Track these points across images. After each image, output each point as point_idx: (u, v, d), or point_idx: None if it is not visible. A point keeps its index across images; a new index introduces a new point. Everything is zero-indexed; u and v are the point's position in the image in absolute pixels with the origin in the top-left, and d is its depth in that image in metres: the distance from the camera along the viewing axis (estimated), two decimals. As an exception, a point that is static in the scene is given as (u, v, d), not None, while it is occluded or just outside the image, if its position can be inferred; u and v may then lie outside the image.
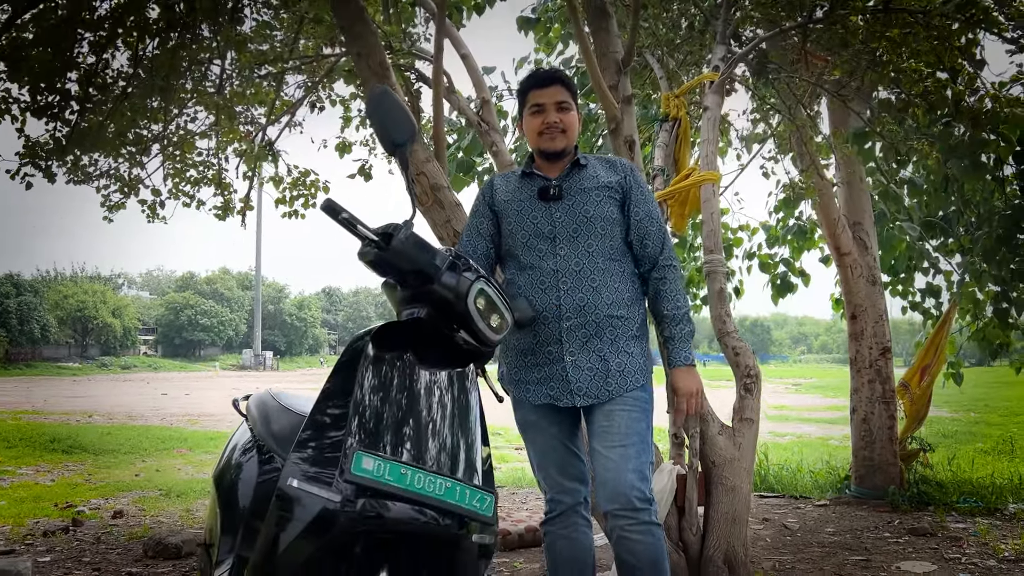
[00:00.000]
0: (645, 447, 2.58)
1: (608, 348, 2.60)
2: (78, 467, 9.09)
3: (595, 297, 2.61)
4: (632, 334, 2.65)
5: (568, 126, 2.70)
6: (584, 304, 2.60)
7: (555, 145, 2.70)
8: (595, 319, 2.59)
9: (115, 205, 6.06)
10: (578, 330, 2.60)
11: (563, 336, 2.60)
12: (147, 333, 60.71)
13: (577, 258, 2.63)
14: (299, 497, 1.75)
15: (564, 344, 2.60)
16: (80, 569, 4.42)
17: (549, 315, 2.62)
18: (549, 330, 2.62)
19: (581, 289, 2.61)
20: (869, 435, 6.51)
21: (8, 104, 4.67)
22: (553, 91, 2.71)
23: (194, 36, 4.93)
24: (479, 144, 6.59)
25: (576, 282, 2.61)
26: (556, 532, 2.70)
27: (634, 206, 2.71)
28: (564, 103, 2.70)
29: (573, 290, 2.61)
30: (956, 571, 4.28)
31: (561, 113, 2.69)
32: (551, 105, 2.70)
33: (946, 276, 7.31)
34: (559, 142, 2.70)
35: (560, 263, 2.63)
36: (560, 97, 2.70)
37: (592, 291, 2.61)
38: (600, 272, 2.63)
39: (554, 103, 2.70)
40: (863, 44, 4.63)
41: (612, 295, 2.62)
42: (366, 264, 2.16)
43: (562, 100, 2.70)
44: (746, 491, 3.57)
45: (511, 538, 4.89)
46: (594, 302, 2.60)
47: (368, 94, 2.21)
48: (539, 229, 2.67)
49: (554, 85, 2.71)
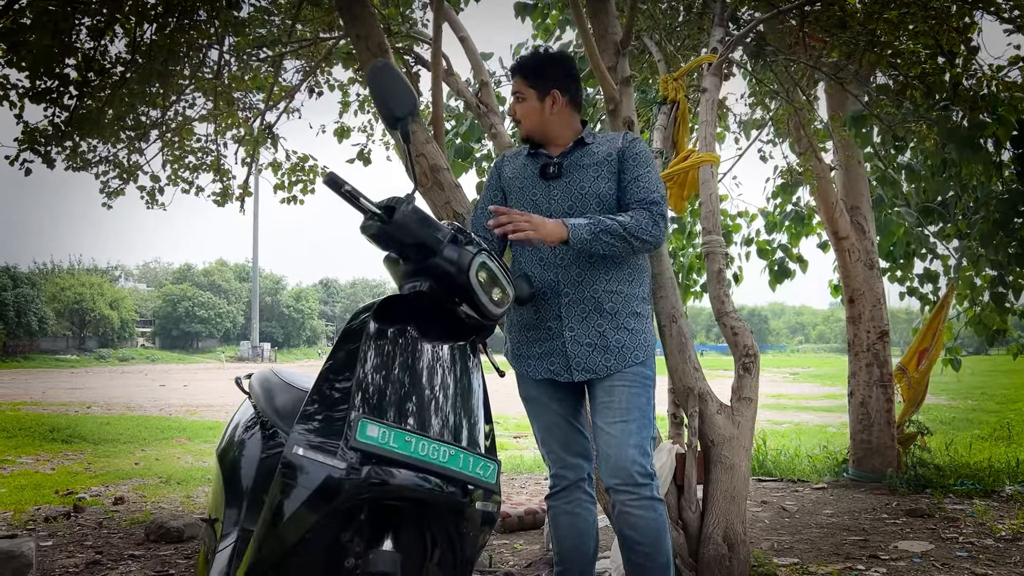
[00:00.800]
0: (646, 422, 2.59)
1: (608, 324, 2.61)
2: (78, 456, 9.11)
3: (592, 272, 2.62)
4: (632, 310, 2.65)
5: (522, 115, 2.76)
6: (582, 280, 2.62)
7: (521, 134, 2.80)
8: (593, 294, 2.61)
9: (114, 191, 6.06)
10: (576, 306, 2.61)
11: (562, 312, 2.62)
12: (144, 325, 60.66)
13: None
14: (304, 465, 1.77)
15: (563, 320, 2.62)
16: (83, 552, 4.44)
17: (548, 291, 2.64)
18: (549, 306, 2.64)
19: (578, 265, 2.62)
20: (867, 418, 6.54)
21: (6, 90, 4.66)
22: (514, 83, 2.80)
23: (192, 21, 4.93)
24: (477, 130, 6.59)
25: (573, 258, 2.63)
26: (560, 507, 2.72)
27: (624, 172, 2.68)
28: (518, 94, 2.77)
29: (570, 266, 2.63)
30: (953, 550, 4.31)
31: (517, 103, 2.77)
32: (513, 96, 2.80)
33: (943, 261, 7.34)
34: (522, 131, 2.79)
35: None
36: (515, 88, 2.78)
37: (589, 266, 2.62)
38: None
39: (512, 93, 2.80)
40: (861, 26, 4.64)
41: (610, 270, 2.63)
42: (368, 238, 2.17)
43: (516, 91, 2.77)
44: (745, 469, 3.59)
45: (511, 520, 4.92)
46: (592, 277, 2.62)
47: (369, 68, 2.22)
48: (537, 207, 2.69)
49: (515, 76, 2.80)
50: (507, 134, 4.36)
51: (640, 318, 2.68)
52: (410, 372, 1.98)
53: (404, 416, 1.90)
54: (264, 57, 5.75)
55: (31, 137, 4.93)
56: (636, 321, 2.66)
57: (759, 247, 7.96)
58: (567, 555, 2.72)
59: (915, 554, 4.23)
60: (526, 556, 4.29)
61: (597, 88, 6.38)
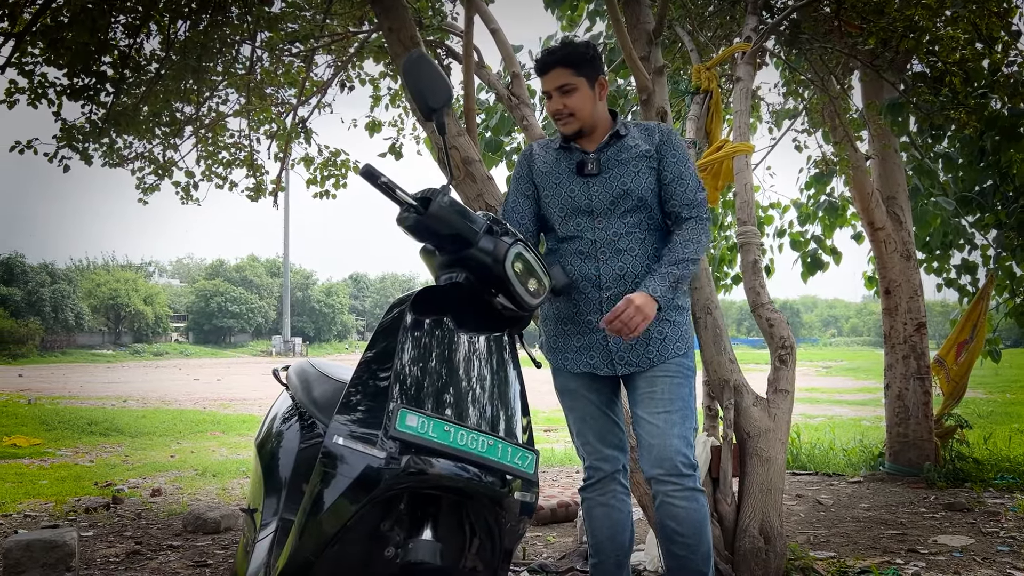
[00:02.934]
0: (689, 412, 2.58)
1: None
2: (115, 448, 9.27)
3: (634, 266, 2.59)
4: (675, 303, 2.62)
5: (575, 108, 2.61)
6: (623, 273, 2.59)
7: (568, 130, 2.66)
8: (635, 288, 2.56)
9: (149, 187, 6.14)
10: (618, 299, 2.56)
11: (603, 305, 2.59)
12: (178, 320, 61.50)
13: (615, 230, 2.61)
14: (344, 455, 1.78)
15: (604, 313, 2.59)
16: (122, 543, 4.51)
17: (589, 284, 2.61)
18: (589, 299, 2.62)
19: (620, 259, 2.60)
20: (904, 411, 6.45)
21: (45, 88, 4.73)
22: (553, 76, 2.62)
23: (225, 17, 4.97)
24: (508, 123, 6.58)
25: (615, 252, 2.60)
26: (594, 499, 2.71)
27: (664, 169, 2.65)
28: (565, 85, 2.60)
29: (612, 260, 2.60)
30: (994, 545, 4.24)
31: (565, 97, 2.61)
32: (554, 92, 2.63)
33: (982, 251, 7.20)
34: (571, 126, 2.65)
35: (599, 234, 2.61)
36: (560, 81, 2.60)
37: (632, 260, 2.59)
38: (639, 242, 2.61)
39: (555, 88, 2.62)
40: (898, 11, 4.55)
41: (652, 264, 2.59)
42: (405, 229, 2.17)
43: (563, 83, 2.60)
44: (781, 462, 3.56)
45: (544, 513, 4.93)
46: (634, 272, 2.59)
47: (404, 59, 2.22)
48: (576, 204, 2.65)
49: (553, 70, 2.61)
50: (539, 126, 4.35)
51: (681, 311, 2.65)
52: (447, 363, 1.99)
53: (442, 406, 1.90)
54: (296, 52, 5.78)
55: (69, 134, 5.01)
56: (678, 313, 2.63)
57: (792, 239, 7.87)
58: (603, 547, 2.71)
59: (955, 548, 4.17)
60: (559, 548, 4.29)
61: (629, 78, 6.35)
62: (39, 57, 4.56)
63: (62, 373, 27.63)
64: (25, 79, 4.62)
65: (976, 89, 5.41)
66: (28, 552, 3.70)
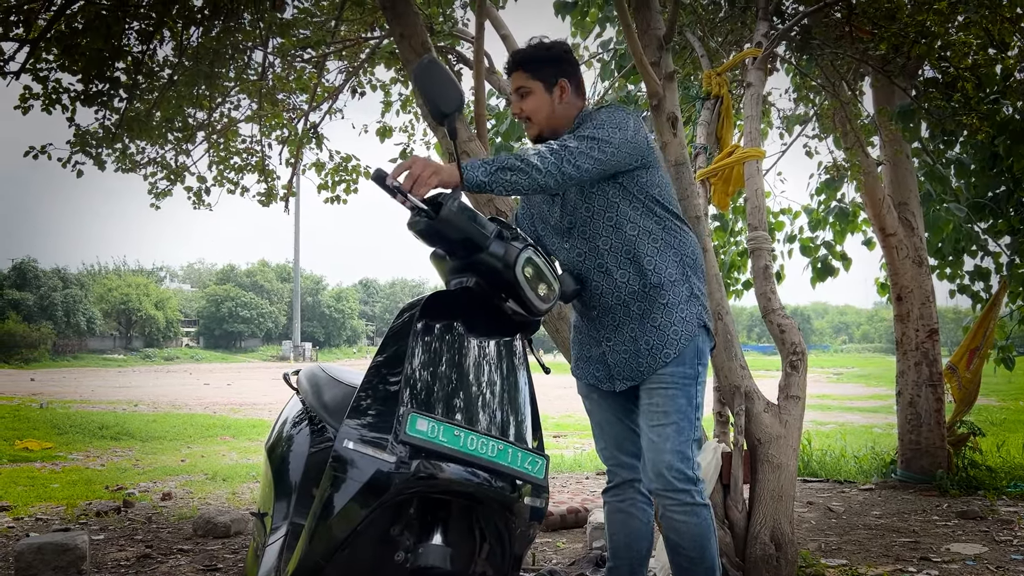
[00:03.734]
0: (686, 424, 2.47)
1: (638, 327, 2.50)
2: (126, 452, 9.30)
3: (609, 281, 2.51)
4: (661, 302, 2.49)
5: (530, 111, 2.56)
6: (600, 291, 2.53)
7: (529, 134, 2.62)
8: (617, 301, 2.51)
9: (162, 192, 6.18)
10: (606, 316, 2.54)
11: (598, 321, 2.58)
12: (188, 325, 61.71)
13: (579, 248, 2.54)
14: (354, 459, 1.78)
15: (600, 330, 2.57)
16: (133, 546, 4.52)
17: (582, 302, 2.61)
18: (588, 315, 2.62)
19: (593, 277, 2.53)
20: (916, 418, 6.41)
21: (59, 93, 4.77)
22: (513, 79, 2.59)
23: (237, 23, 5.00)
24: (518, 128, 6.59)
25: (588, 272, 2.54)
26: (614, 504, 2.71)
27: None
28: (522, 88, 2.56)
29: (589, 280, 2.54)
30: (1008, 553, 4.21)
31: (522, 101, 2.57)
32: (514, 94, 2.60)
33: (995, 258, 7.16)
34: (531, 130, 2.61)
35: (571, 255, 2.56)
36: (517, 83, 2.57)
37: (604, 275, 2.51)
38: (605, 254, 2.51)
39: (515, 91, 2.58)
40: (910, 17, 4.54)
41: (630, 269, 2.49)
42: (415, 234, 2.18)
43: (519, 86, 2.57)
44: (792, 469, 3.54)
45: (553, 519, 4.91)
46: (609, 286, 2.51)
47: (416, 65, 2.23)
48: (547, 226, 2.64)
49: (514, 72, 2.58)
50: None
51: (667, 309, 2.48)
52: (457, 368, 1.99)
53: (452, 411, 1.90)
54: (308, 58, 5.82)
55: (83, 140, 5.05)
56: (663, 314, 2.48)
57: (802, 244, 7.85)
58: (619, 552, 2.71)
59: (968, 556, 4.14)
60: (569, 554, 4.28)
61: (640, 84, 6.35)
62: (54, 63, 4.60)
63: (74, 377, 27.76)
64: (40, 85, 4.66)
65: (988, 94, 5.39)
66: (40, 555, 3.72)
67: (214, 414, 14.02)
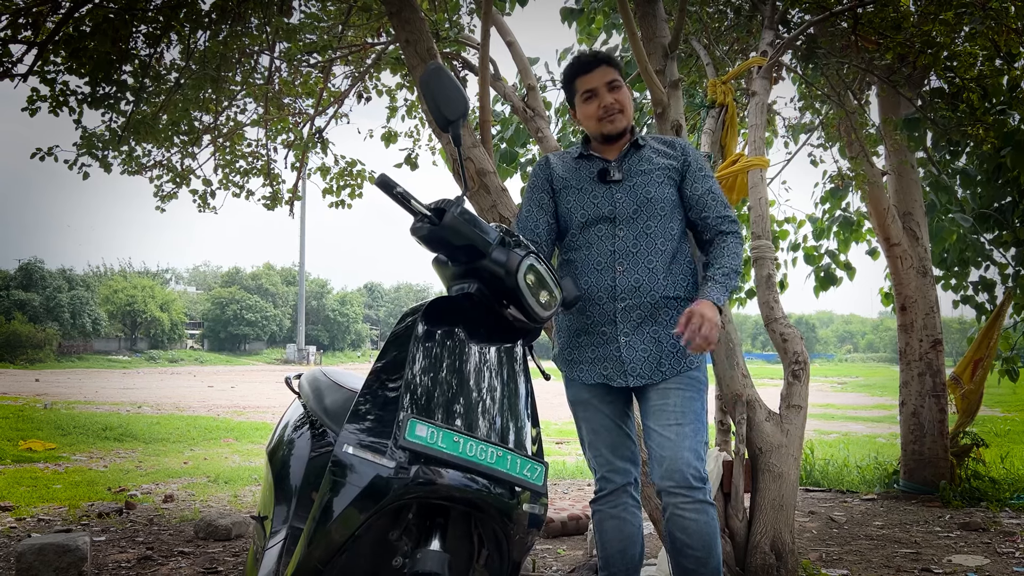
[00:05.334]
0: (700, 426, 2.57)
1: (662, 330, 2.58)
2: (129, 454, 9.32)
3: (651, 278, 2.59)
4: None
5: (624, 105, 2.68)
6: (639, 285, 2.59)
7: (617, 127, 2.69)
8: (650, 300, 2.58)
9: (167, 195, 6.20)
10: (633, 311, 2.58)
11: (617, 317, 2.59)
12: (193, 327, 61.83)
13: (635, 239, 2.61)
14: (353, 464, 1.78)
15: (618, 325, 2.59)
16: (134, 548, 4.53)
17: (604, 295, 2.61)
18: (603, 310, 2.61)
19: (637, 270, 2.60)
20: (919, 429, 6.39)
21: (66, 96, 4.80)
22: (600, 73, 2.68)
23: (244, 28, 5.02)
24: (523, 135, 6.60)
25: (632, 263, 2.60)
26: (605, 511, 2.69)
27: (692, 184, 2.69)
28: (614, 82, 2.68)
29: (629, 271, 2.60)
30: (1010, 565, 4.19)
31: (615, 93, 2.67)
32: (602, 87, 2.68)
33: (1000, 269, 7.14)
34: (620, 122, 2.69)
35: (618, 244, 2.62)
36: (609, 77, 2.68)
37: (648, 272, 2.60)
38: (658, 254, 2.61)
39: (604, 84, 2.68)
40: (916, 27, 4.54)
41: (669, 277, 2.60)
42: (418, 239, 2.18)
43: (611, 80, 2.68)
44: (793, 478, 3.54)
45: (554, 525, 4.91)
46: (650, 283, 2.59)
47: (421, 71, 2.24)
48: (599, 211, 2.66)
49: (600, 67, 2.69)
50: (553, 138, 4.36)
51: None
52: (458, 374, 1.99)
53: (452, 417, 1.90)
54: (314, 63, 5.83)
55: (89, 142, 5.08)
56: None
57: (806, 253, 7.84)
58: (613, 560, 2.69)
59: (970, 568, 4.12)
60: (569, 562, 4.27)
61: (645, 92, 6.36)
62: (61, 66, 4.62)
63: (78, 378, 27.82)
64: (47, 87, 4.69)
65: (994, 105, 5.38)
66: (41, 556, 3.73)
67: (217, 417, 14.03)
